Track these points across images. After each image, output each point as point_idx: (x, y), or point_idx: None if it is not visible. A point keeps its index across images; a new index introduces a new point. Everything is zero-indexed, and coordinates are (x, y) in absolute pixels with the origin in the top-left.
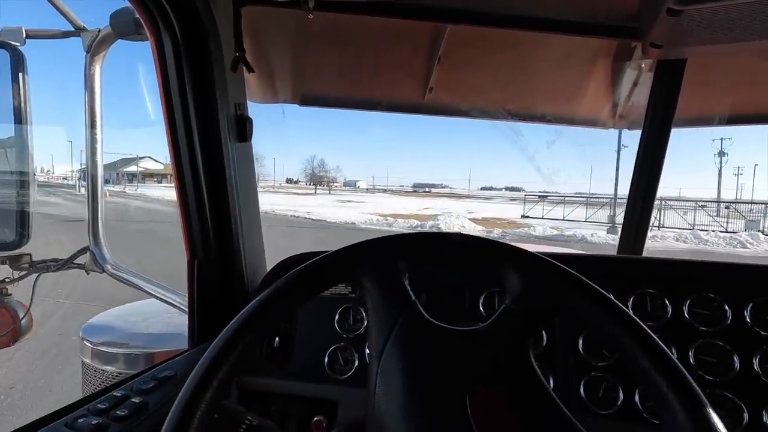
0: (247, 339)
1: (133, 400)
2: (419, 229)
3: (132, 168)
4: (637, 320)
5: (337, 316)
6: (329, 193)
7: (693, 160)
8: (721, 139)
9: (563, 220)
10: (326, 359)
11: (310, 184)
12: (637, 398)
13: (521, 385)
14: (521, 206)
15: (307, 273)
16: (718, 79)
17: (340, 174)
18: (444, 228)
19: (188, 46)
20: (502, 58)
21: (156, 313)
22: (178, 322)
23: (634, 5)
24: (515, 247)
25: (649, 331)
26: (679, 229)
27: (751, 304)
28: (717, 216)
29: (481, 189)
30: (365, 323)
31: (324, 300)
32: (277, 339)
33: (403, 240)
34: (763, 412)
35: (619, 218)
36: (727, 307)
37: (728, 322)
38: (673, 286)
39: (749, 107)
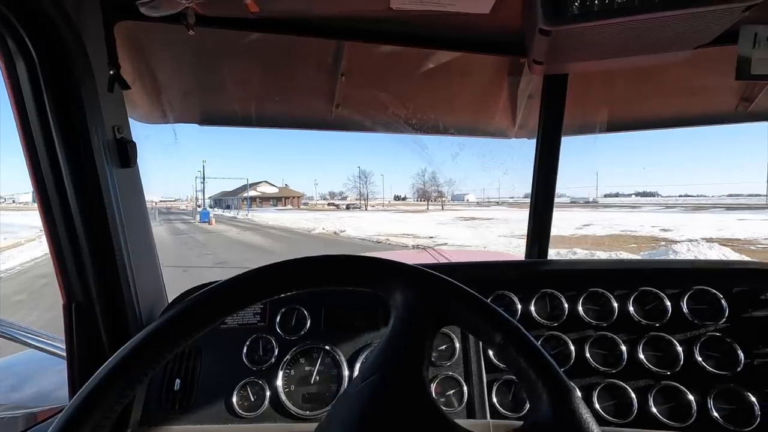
0: (120, 386)
1: None
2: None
3: (250, 193)
4: (505, 316)
5: (245, 348)
6: (442, 208)
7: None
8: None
9: None
10: (234, 396)
11: (420, 200)
12: None
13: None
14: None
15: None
16: (598, 91)
17: (449, 188)
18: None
19: (48, 69)
20: (404, 73)
21: (39, 365)
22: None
23: (517, 25)
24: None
25: (515, 323)
26: None
27: (632, 298)
28: None
29: (605, 196)
30: (275, 353)
31: (231, 332)
32: (177, 381)
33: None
34: (649, 397)
35: None
36: (614, 302)
37: (615, 315)
38: (570, 286)
39: (627, 115)
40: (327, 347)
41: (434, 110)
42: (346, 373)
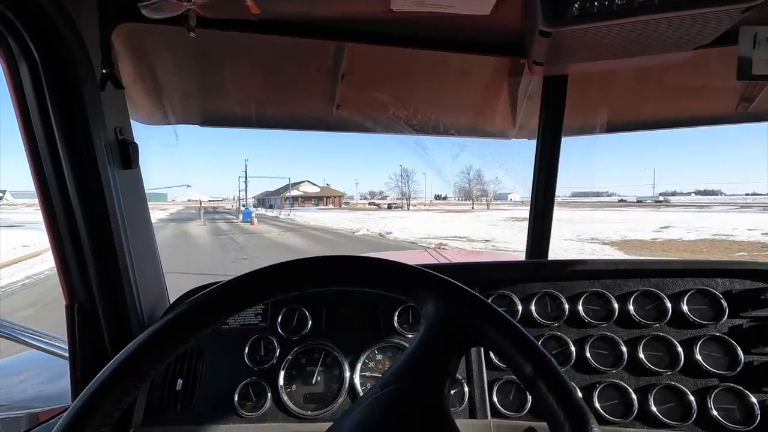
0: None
1: None
2: None
3: (292, 192)
4: (539, 347)
5: (246, 349)
6: (488, 207)
7: None
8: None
9: None
10: (236, 396)
11: (463, 199)
12: None
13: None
14: None
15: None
16: (598, 92)
17: (495, 186)
18: None
19: (50, 71)
20: (404, 74)
21: (41, 365)
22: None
23: (517, 27)
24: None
25: (548, 356)
26: None
27: (632, 298)
28: None
29: (660, 195)
30: (277, 353)
31: (233, 332)
32: (179, 381)
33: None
34: (649, 397)
35: None
36: (615, 302)
37: (615, 315)
38: (571, 286)
39: (627, 116)
40: (328, 347)
41: (435, 111)
42: (347, 373)
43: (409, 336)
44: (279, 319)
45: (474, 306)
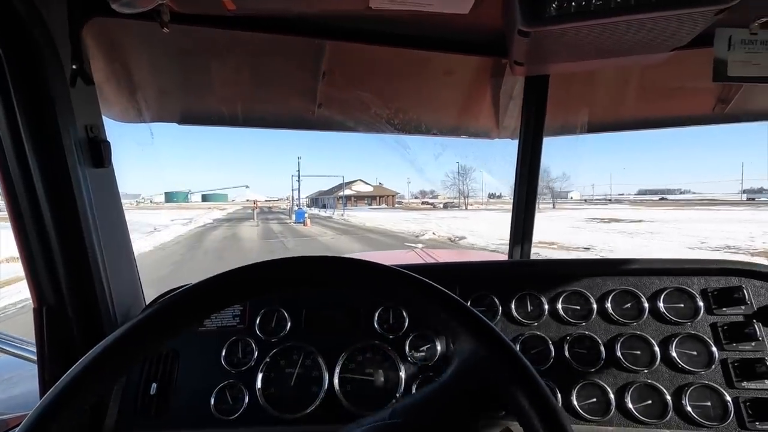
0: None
1: None
2: None
3: (345, 191)
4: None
5: (224, 351)
6: (553, 207)
7: None
8: None
9: None
10: (213, 400)
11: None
12: None
13: None
14: None
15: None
16: (579, 92)
17: (562, 184)
18: None
19: (16, 66)
20: (386, 73)
21: (13, 370)
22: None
23: (497, 26)
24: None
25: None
26: None
27: (610, 297)
28: None
29: (744, 192)
30: (255, 355)
31: (209, 334)
32: (154, 385)
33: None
34: (626, 395)
35: None
36: (593, 302)
37: (594, 315)
38: (551, 286)
39: (607, 117)
40: (307, 348)
41: (417, 110)
42: (326, 374)
43: (390, 337)
44: (257, 321)
45: (512, 364)
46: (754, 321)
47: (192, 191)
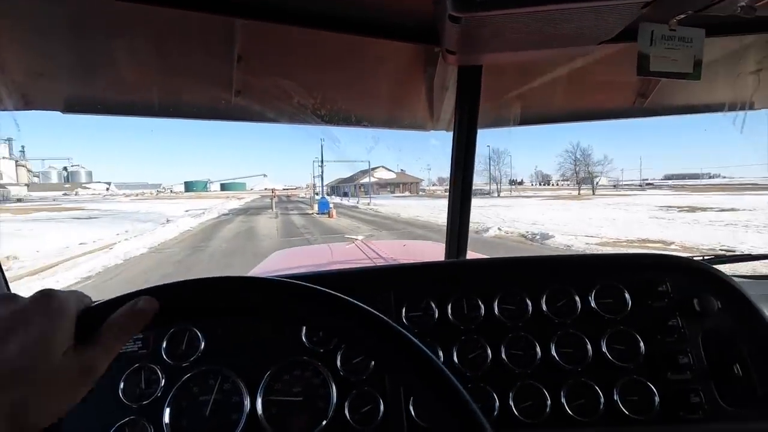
0: None
1: None
2: None
3: (365, 179)
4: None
5: (122, 383)
6: (593, 193)
7: None
8: None
9: None
10: None
11: (567, 183)
12: None
13: None
14: None
15: None
16: (512, 84)
17: (604, 168)
18: None
19: None
20: (311, 59)
21: None
22: None
23: (428, 12)
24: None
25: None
26: None
27: (545, 295)
28: None
29: None
30: (161, 384)
31: None
32: None
33: None
34: (561, 395)
35: None
36: (528, 301)
37: (529, 314)
38: (486, 286)
39: (538, 109)
40: (225, 371)
41: (346, 100)
42: (247, 399)
43: (320, 351)
44: (164, 344)
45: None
46: (677, 313)
47: (211, 180)
